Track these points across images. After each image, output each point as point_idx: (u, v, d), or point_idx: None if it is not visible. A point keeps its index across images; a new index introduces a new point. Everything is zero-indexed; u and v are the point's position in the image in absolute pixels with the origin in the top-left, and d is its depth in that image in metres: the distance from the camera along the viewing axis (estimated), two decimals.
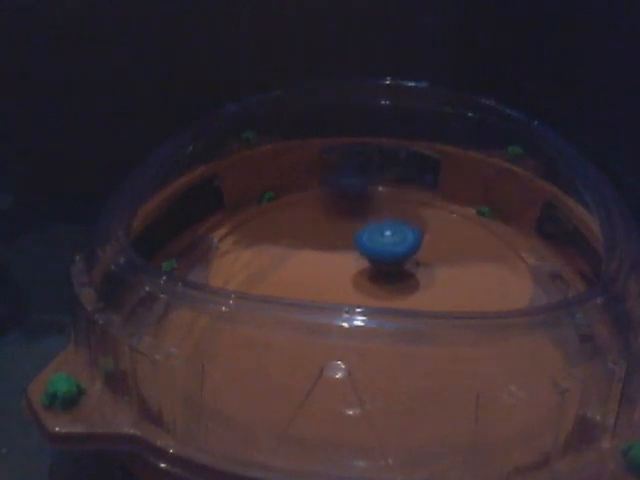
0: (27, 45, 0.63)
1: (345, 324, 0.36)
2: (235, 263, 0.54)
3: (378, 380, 0.39)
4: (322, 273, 0.52)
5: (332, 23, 0.63)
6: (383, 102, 0.61)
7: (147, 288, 0.39)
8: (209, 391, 0.37)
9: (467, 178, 0.60)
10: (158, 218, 0.52)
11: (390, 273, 0.52)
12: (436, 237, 0.57)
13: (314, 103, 0.61)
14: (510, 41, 0.64)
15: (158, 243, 0.54)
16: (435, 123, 0.59)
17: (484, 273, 0.53)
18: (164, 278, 0.39)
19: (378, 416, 0.37)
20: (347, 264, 0.52)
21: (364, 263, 0.51)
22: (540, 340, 0.38)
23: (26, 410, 0.39)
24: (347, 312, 0.36)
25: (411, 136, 0.61)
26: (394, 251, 0.51)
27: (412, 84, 0.61)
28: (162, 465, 0.37)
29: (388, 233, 0.51)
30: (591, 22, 0.61)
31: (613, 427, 0.36)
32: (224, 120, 0.59)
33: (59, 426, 0.38)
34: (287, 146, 0.61)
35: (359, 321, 0.36)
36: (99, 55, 0.63)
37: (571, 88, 0.63)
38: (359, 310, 0.37)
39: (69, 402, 0.38)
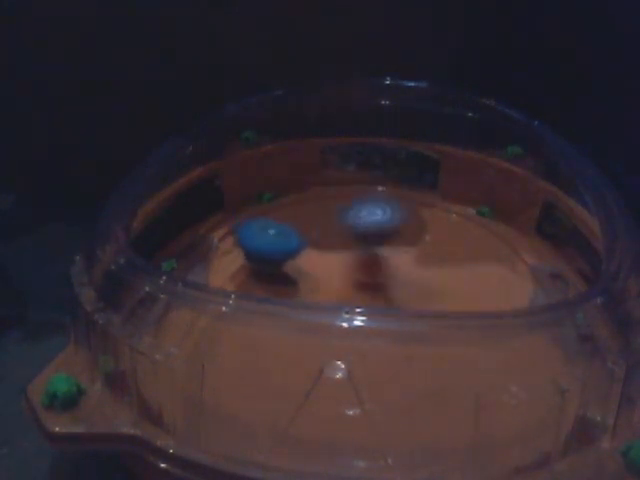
0: (27, 45, 0.63)
1: (345, 324, 0.36)
2: (235, 263, 0.54)
3: (378, 380, 0.38)
4: (322, 273, 0.52)
5: (332, 23, 0.63)
6: (383, 102, 0.61)
7: (147, 288, 0.39)
8: (209, 391, 0.37)
9: (467, 178, 0.60)
10: (158, 218, 0.52)
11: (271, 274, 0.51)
12: (436, 237, 0.57)
13: (314, 103, 0.61)
14: (510, 41, 0.64)
15: (158, 243, 0.54)
16: (435, 123, 0.59)
17: (484, 273, 0.53)
18: (164, 278, 0.39)
19: (378, 416, 0.37)
20: (347, 264, 0.52)
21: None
22: (540, 340, 0.38)
23: (26, 410, 0.39)
24: (347, 312, 0.36)
25: (411, 136, 0.61)
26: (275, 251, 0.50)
27: (412, 84, 0.61)
28: (162, 465, 0.37)
29: (271, 232, 0.50)
30: (591, 22, 0.61)
31: (613, 427, 0.36)
32: (224, 120, 0.59)
33: (59, 426, 0.38)
34: (287, 146, 0.61)
35: (359, 321, 0.36)
36: (99, 55, 0.63)
37: (571, 88, 0.63)
38: (359, 310, 0.37)
39: (69, 402, 0.38)
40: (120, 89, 0.64)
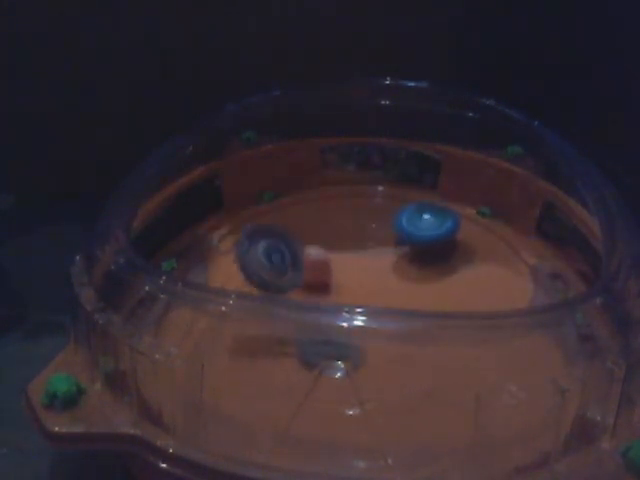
0: (27, 45, 0.63)
1: (345, 324, 0.36)
2: (235, 263, 0.54)
3: (378, 380, 0.38)
4: None
5: (332, 23, 0.63)
6: (383, 102, 0.61)
7: (147, 288, 0.39)
8: (209, 391, 0.37)
9: (467, 178, 0.60)
10: (158, 218, 0.52)
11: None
12: None
13: (314, 103, 0.61)
14: (510, 41, 0.64)
15: (158, 243, 0.54)
16: (435, 123, 0.59)
17: (484, 273, 0.53)
18: (164, 278, 0.39)
19: (378, 416, 0.37)
20: (347, 264, 0.52)
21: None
22: (540, 340, 0.38)
23: (26, 410, 0.39)
24: (347, 312, 0.36)
25: (411, 136, 0.61)
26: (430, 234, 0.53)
27: (412, 84, 0.61)
28: (162, 465, 0.37)
29: (427, 216, 0.54)
30: (591, 22, 0.61)
31: (613, 427, 0.36)
32: (224, 120, 0.59)
33: (59, 426, 0.38)
34: (287, 146, 0.61)
35: (359, 321, 0.36)
36: (99, 55, 0.63)
37: (571, 88, 0.63)
38: (359, 310, 0.36)
39: (69, 402, 0.38)
40: (120, 89, 0.64)
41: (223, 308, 0.38)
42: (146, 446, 0.37)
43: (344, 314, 0.36)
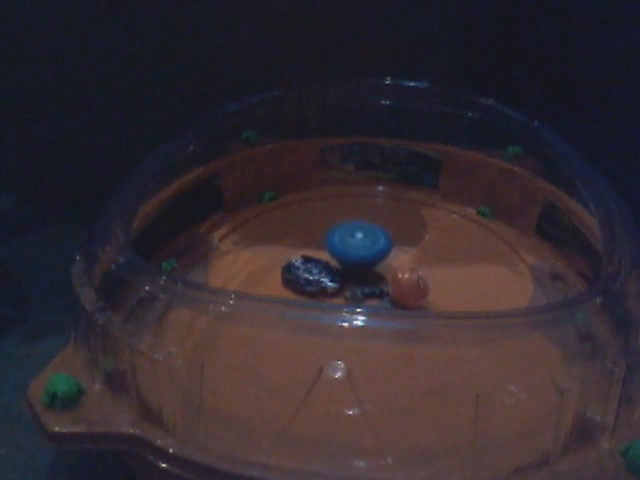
0: (27, 46, 0.63)
1: (345, 324, 0.36)
2: (235, 263, 0.54)
3: (378, 380, 0.39)
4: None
5: (332, 23, 0.63)
6: (383, 102, 0.61)
7: (147, 288, 0.39)
8: (209, 391, 0.37)
9: (467, 178, 0.60)
10: (158, 218, 0.52)
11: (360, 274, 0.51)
12: (436, 237, 0.57)
13: (314, 103, 0.61)
14: (510, 41, 0.64)
15: (158, 243, 0.54)
16: (435, 123, 0.60)
17: (484, 273, 0.53)
18: (164, 278, 0.39)
19: (378, 416, 0.37)
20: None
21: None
22: (540, 340, 0.38)
23: (26, 410, 0.39)
24: (347, 312, 0.36)
25: (411, 136, 0.61)
26: (362, 255, 0.50)
27: (412, 84, 0.61)
28: (162, 465, 0.37)
29: (359, 235, 0.51)
30: (591, 22, 0.61)
31: (612, 427, 0.36)
32: (224, 120, 0.59)
33: (59, 426, 0.38)
34: (287, 146, 0.61)
35: (359, 321, 0.36)
36: (99, 55, 0.63)
37: (571, 88, 0.63)
38: (359, 310, 0.37)
39: (69, 402, 0.38)
40: (120, 89, 0.64)
41: (223, 308, 0.38)
42: (146, 446, 0.37)
43: (344, 314, 0.36)
